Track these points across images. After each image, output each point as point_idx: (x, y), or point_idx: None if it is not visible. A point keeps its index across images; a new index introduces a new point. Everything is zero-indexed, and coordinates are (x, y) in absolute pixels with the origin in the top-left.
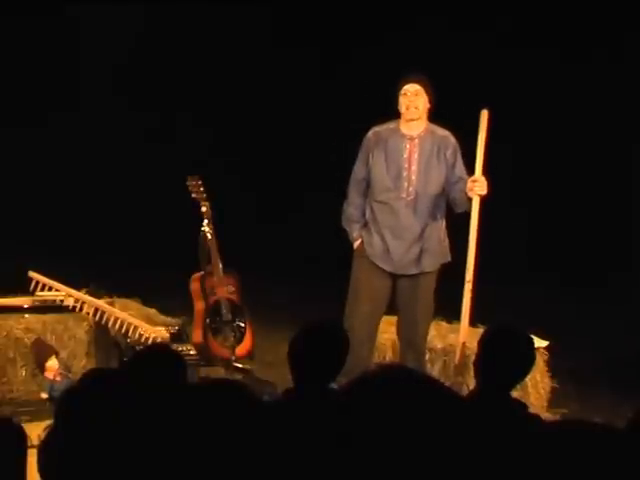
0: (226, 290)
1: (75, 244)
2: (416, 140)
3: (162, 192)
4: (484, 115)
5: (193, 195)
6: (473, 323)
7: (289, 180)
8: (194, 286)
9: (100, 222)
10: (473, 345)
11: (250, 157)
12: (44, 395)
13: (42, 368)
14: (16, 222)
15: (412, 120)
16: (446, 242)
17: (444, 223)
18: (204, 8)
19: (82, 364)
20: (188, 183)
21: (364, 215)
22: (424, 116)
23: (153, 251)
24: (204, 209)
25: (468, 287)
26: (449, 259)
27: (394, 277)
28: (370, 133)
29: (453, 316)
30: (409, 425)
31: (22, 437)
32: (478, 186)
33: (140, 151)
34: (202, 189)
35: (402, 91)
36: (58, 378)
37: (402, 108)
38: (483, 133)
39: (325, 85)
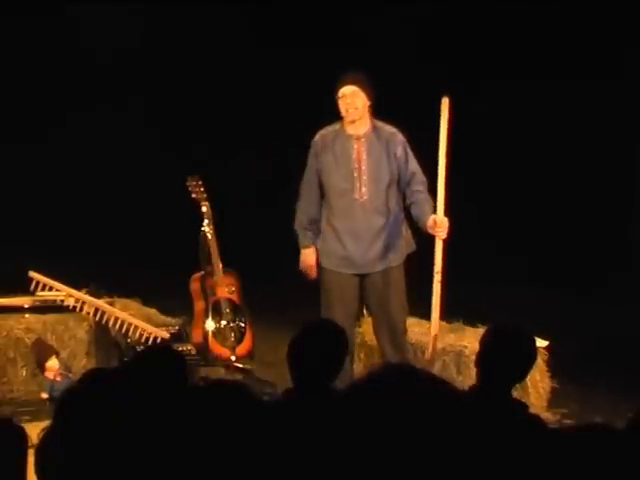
0: (226, 290)
1: (75, 244)
2: (363, 139)
3: (162, 192)
4: (445, 103)
5: (193, 195)
6: (473, 323)
7: (289, 179)
8: (194, 286)
9: (100, 222)
10: (475, 346)
11: (250, 157)
12: (44, 395)
13: (42, 368)
14: (16, 222)
15: (354, 121)
16: (409, 233)
17: (402, 215)
18: (204, 8)
19: (82, 364)
20: (188, 183)
21: (313, 222)
22: (366, 114)
23: (153, 251)
24: (204, 209)
25: (437, 278)
26: (414, 248)
27: (361, 276)
28: (317, 137)
29: (452, 316)
30: (411, 424)
31: (22, 437)
32: (440, 231)
33: (140, 151)
34: (202, 189)
35: (339, 94)
36: (58, 378)
37: (342, 111)
38: (444, 127)
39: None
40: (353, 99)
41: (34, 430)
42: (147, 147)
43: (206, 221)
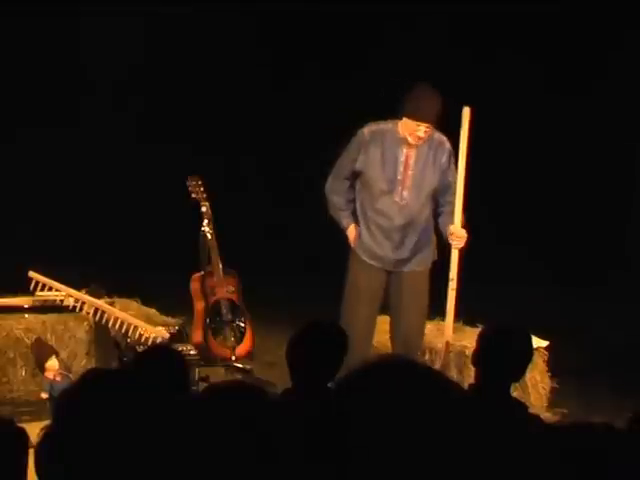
0: (226, 290)
1: (75, 244)
2: (413, 145)
3: (162, 192)
4: (466, 113)
5: (193, 195)
6: (473, 323)
7: (289, 179)
8: (194, 286)
9: (100, 222)
10: (473, 344)
11: (250, 157)
12: (44, 395)
13: (42, 368)
14: (16, 222)
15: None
16: (434, 239)
17: (432, 221)
18: (204, 15)
19: (82, 364)
20: (188, 183)
21: (348, 202)
22: None
23: (153, 251)
24: (204, 209)
25: (452, 286)
26: (436, 257)
27: (388, 273)
28: (365, 130)
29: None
30: (408, 419)
31: (23, 438)
32: (456, 241)
33: (140, 151)
34: (202, 189)
35: (416, 125)
36: (58, 378)
37: (409, 135)
38: (465, 136)
39: (328, 85)
40: (426, 132)
41: (34, 430)
42: (147, 147)
43: (206, 221)
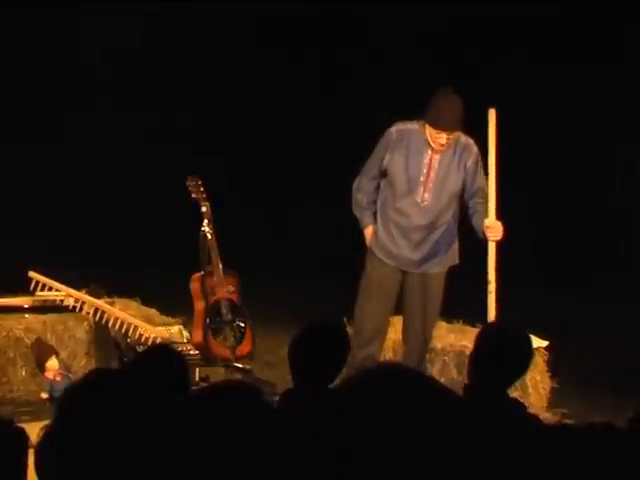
0: (226, 290)
1: (75, 244)
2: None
3: (162, 192)
4: (492, 115)
5: (193, 195)
6: (473, 323)
7: (289, 180)
8: (194, 286)
9: (100, 222)
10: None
11: (250, 157)
12: (44, 395)
13: (42, 368)
14: (16, 222)
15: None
16: (456, 245)
17: (455, 226)
18: (205, 9)
19: (82, 364)
20: (188, 183)
21: (370, 203)
22: None
23: (153, 251)
24: (204, 209)
25: (490, 289)
26: (457, 262)
27: (403, 273)
28: (393, 129)
29: (453, 317)
30: (407, 424)
31: (23, 438)
32: (492, 233)
33: (140, 151)
34: (202, 189)
35: (437, 132)
36: (58, 378)
37: (433, 141)
38: (493, 137)
39: (330, 86)
40: (447, 139)
41: (34, 430)
42: (147, 147)
43: (206, 221)
